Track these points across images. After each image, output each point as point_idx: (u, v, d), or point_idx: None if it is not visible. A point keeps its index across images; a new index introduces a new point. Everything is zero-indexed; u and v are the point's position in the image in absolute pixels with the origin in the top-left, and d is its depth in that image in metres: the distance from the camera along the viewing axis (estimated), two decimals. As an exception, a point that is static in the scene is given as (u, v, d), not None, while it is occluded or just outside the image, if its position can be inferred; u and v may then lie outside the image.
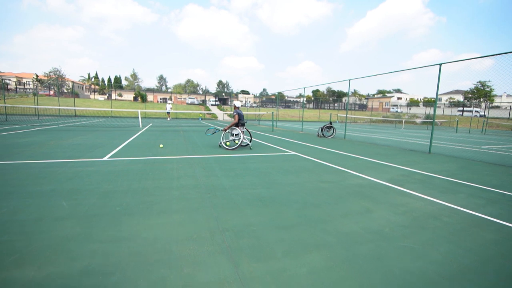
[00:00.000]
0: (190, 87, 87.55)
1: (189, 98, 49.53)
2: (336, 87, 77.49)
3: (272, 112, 14.34)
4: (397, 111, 52.46)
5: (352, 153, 6.85)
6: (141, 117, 22.80)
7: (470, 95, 50.85)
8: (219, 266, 1.69)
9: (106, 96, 57.61)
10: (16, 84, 43.39)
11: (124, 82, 77.39)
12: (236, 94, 73.48)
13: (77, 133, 9.52)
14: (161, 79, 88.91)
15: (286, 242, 2.02)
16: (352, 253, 1.90)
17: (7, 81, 33.53)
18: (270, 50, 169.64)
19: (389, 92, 77.06)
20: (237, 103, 6.98)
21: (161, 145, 6.71)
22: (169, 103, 24.14)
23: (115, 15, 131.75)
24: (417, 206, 2.94)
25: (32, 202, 2.60)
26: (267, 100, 58.21)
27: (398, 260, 1.84)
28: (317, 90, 77.21)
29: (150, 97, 51.37)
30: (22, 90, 39.34)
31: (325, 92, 77.20)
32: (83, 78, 66.32)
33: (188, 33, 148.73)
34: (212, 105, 45.50)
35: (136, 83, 76.93)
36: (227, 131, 6.93)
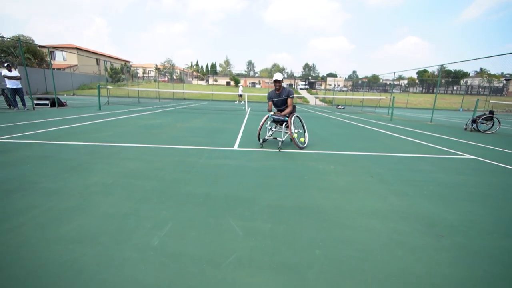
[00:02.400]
0: (276, 71, 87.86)
1: (277, 82, 49.24)
2: (453, 66, 61.00)
3: (393, 97, 11.61)
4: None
5: None
6: (239, 101, 23.64)
7: None
8: None
9: (204, 81, 64.26)
10: (142, 73, 53.40)
11: (218, 69, 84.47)
12: (323, 78, 68.56)
13: (193, 115, 9.99)
14: (250, 64, 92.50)
15: None
16: None
17: (137, 70, 41.52)
18: (363, 27, 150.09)
19: (544, 70, 55.13)
20: (276, 76, 4.37)
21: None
22: (240, 85, 24.02)
23: (213, 8, 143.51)
24: None
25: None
26: (356, 83, 51.53)
27: None
28: (425, 71, 63.07)
29: (240, 81, 53.98)
30: (146, 77, 48.18)
31: (435, 73, 62.05)
32: (187, 66, 75.93)
33: (275, 17, 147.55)
34: (301, 89, 43.73)
35: (228, 69, 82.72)
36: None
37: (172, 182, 2.62)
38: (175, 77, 54.95)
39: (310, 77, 62.76)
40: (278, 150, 4.23)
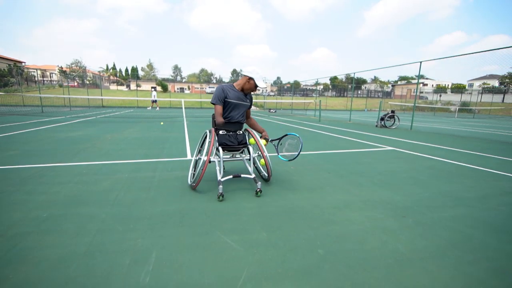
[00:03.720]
0: (204, 76, 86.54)
1: (209, 87, 48.67)
2: (357, 74, 73.52)
3: (320, 100, 13.08)
4: (427, 98, 49.39)
5: (457, 147, 5.69)
6: (168, 107, 22.21)
7: (508, 80, 46.85)
8: None
9: (124, 87, 57.83)
10: (40, 76, 43.94)
11: (140, 73, 77.51)
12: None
13: (123, 125, 8.81)
14: (176, 69, 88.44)
15: None
16: None
17: (33, 73, 33.62)
18: (283, 37, 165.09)
19: (412, 78, 72.55)
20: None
21: (161, 123, 5.54)
22: (153, 91, 21.74)
23: (129, 5, 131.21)
24: None
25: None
26: (282, 88, 56.14)
27: None
28: (335, 77, 73.89)
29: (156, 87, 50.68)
30: (48, 82, 39.70)
31: (344, 80, 73.59)
32: (102, 69, 66.65)
33: (200, 21, 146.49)
34: (232, 94, 44.36)
35: (152, 73, 76.87)
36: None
37: (133, 204, 2.22)
38: (87, 82, 47.60)
39: (239, 83, 64.27)
40: (256, 194, 2.44)
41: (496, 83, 52.53)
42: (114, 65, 75.68)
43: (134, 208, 2.13)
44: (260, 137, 2.77)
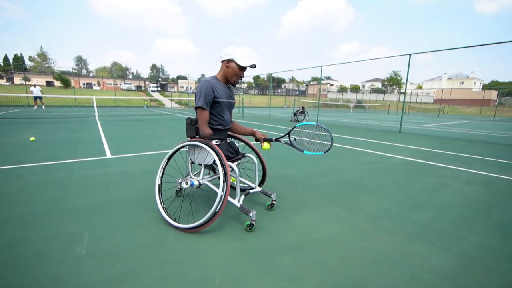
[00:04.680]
0: (117, 71, 77.00)
1: (124, 83, 43.78)
2: (275, 74, 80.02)
3: (242, 98, 13.95)
4: (333, 97, 57.98)
5: (347, 134, 7.32)
6: (72, 106, 19.19)
7: (387, 83, 60.28)
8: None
9: (4, 80, 45.74)
10: None
11: (28, 63, 62.67)
12: (173, 80, 68.23)
13: (15, 127, 7.31)
14: (80, 60, 75.44)
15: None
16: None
17: None
18: (207, 34, 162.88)
19: (321, 79, 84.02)
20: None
21: (32, 138, 5.05)
22: (36, 86, 17.45)
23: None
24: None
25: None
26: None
27: None
28: (258, 77, 78.51)
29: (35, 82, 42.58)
30: None
31: (265, 79, 79.11)
32: (-38, 56, 50.36)
33: (110, 9, 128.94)
34: (153, 91, 41.30)
35: (46, 65, 63.29)
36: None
37: (52, 201, 2.20)
38: None
39: (160, 79, 60.19)
40: (247, 229, 1.82)
41: (379, 84, 66.59)
42: (-15, 50, 58.62)
43: (54, 204, 2.13)
44: (257, 140, 2.21)
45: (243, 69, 1.96)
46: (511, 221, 2.07)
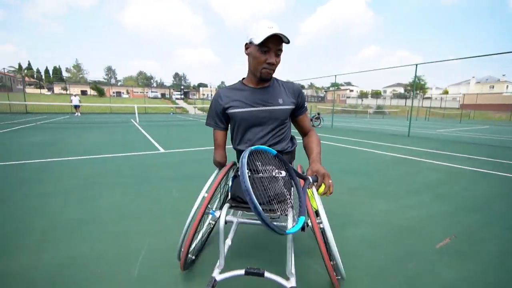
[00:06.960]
0: (142, 80, 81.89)
1: (151, 91, 46.90)
2: (296, 81, 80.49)
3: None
4: (352, 103, 57.66)
5: (350, 137, 8.14)
6: (108, 113, 21.34)
7: (409, 87, 58.90)
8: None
9: (46, 90, 50.80)
10: None
11: (65, 74, 68.81)
12: (195, 87, 71.34)
13: (84, 130, 8.96)
14: (109, 70, 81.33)
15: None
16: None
17: None
18: (226, 42, 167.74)
19: (341, 85, 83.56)
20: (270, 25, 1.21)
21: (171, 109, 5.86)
22: (75, 96, 20.56)
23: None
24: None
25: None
26: (231, 93, 57.82)
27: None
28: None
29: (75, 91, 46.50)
30: None
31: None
32: (13, 69, 56.62)
33: (135, 21, 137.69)
34: (177, 99, 43.91)
35: (80, 75, 69.08)
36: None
37: (149, 174, 3.39)
38: (-4, 84, 40.43)
39: (182, 87, 63.46)
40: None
41: (402, 89, 65.15)
42: (29, 64, 65.30)
43: (151, 175, 3.31)
44: (303, 178, 1.05)
45: (263, 48, 1.22)
46: (423, 184, 2.93)
